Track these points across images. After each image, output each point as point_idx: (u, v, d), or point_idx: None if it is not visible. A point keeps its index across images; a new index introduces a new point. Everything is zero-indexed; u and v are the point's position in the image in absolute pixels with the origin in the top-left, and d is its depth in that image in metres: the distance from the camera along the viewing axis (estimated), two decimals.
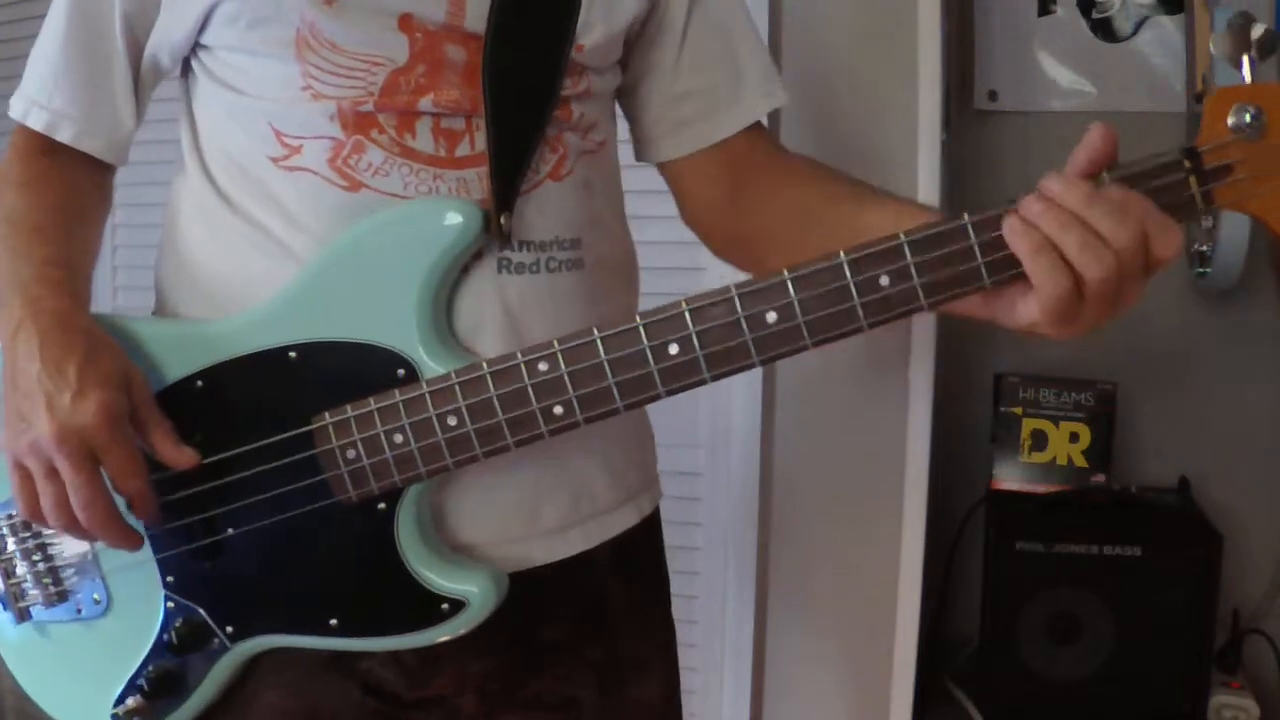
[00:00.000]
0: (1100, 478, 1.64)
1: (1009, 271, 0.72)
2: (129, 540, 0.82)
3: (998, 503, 1.63)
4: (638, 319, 0.76)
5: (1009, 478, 1.66)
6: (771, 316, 0.74)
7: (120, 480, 0.80)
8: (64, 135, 0.90)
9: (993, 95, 1.77)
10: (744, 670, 1.73)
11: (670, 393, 0.78)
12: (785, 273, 0.74)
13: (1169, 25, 1.69)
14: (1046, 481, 1.64)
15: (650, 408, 1.00)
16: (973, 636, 1.65)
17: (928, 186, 1.51)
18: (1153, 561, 1.49)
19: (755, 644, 1.73)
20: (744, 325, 0.75)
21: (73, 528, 0.80)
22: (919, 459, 1.58)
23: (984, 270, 0.72)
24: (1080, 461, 1.65)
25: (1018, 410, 1.66)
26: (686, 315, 0.75)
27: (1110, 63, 1.72)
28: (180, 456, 0.82)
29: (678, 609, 1.09)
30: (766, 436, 1.70)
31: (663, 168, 1.02)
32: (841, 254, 0.73)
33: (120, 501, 0.81)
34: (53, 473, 0.79)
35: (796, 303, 0.73)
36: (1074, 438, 1.65)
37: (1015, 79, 1.76)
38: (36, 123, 0.90)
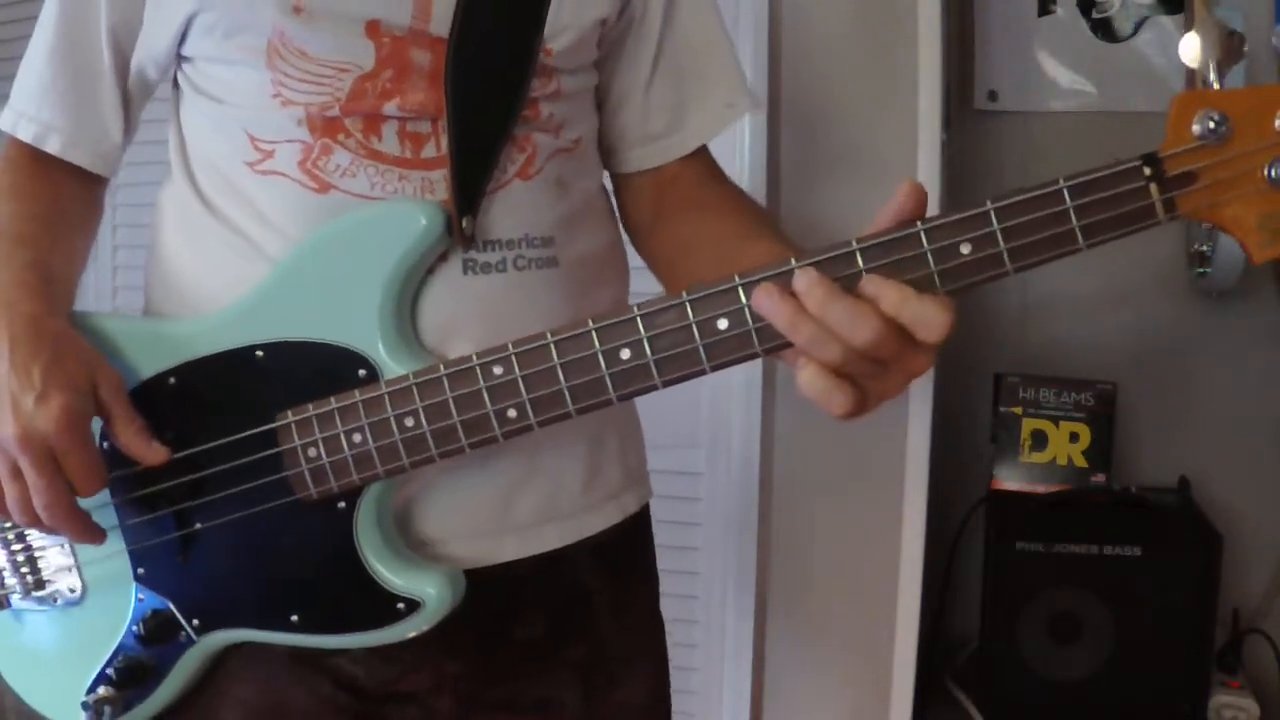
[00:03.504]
0: (1100, 478, 1.64)
1: None
2: (92, 537, 0.83)
3: (998, 503, 1.63)
4: (590, 323, 0.76)
5: (1009, 478, 1.66)
6: (723, 323, 0.73)
7: (79, 484, 0.80)
8: (52, 146, 0.91)
9: (993, 95, 1.77)
10: (744, 670, 1.74)
11: (621, 398, 0.77)
12: (736, 278, 0.73)
13: (1169, 25, 1.70)
14: (1046, 481, 1.65)
15: (650, 408, 1.00)
16: (973, 636, 1.65)
17: (928, 187, 1.51)
18: (1153, 561, 1.49)
19: (755, 644, 1.73)
20: (695, 331, 0.74)
21: (35, 525, 0.82)
22: (919, 459, 1.58)
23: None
24: (1080, 461, 1.65)
25: (1018, 410, 1.66)
26: (638, 320, 0.75)
27: (1110, 63, 1.72)
28: (150, 453, 0.83)
29: (678, 609, 1.09)
30: (766, 437, 1.70)
31: (613, 176, 1.03)
32: (792, 260, 0.72)
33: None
34: (16, 473, 0.80)
35: (747, 309, 0.73)
36: (1074, 438, 1.65)
37: (1015, 79, 1.76)
38: (25, 134, 0.91)
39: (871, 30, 1.64)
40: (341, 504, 0.84)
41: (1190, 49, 0.72)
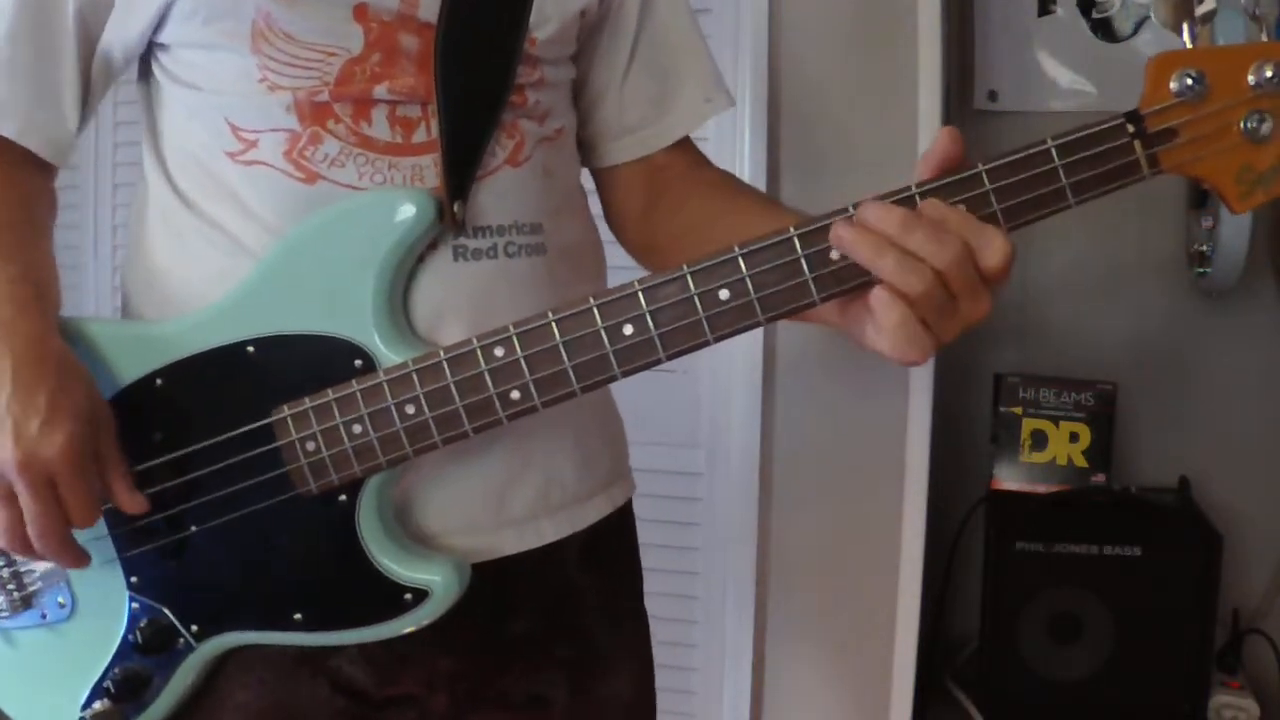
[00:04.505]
0: (1100, 478, 1.64)
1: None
2: (79, 561, 0.83)
3: (998, 503, 1.63)
4: (591, 300, 0.76)
5: (1009, 478, 1.66)
6: (725, 294, 0.74)
7: (77, 514, 0.79)
8: (6, 129, 0.87)
9: (993, 95, 1.77)
10: (744, 670, 1.73)
11: (626, 373, 0.77)
12: (736, 249, 0.74)
13: None
14: (1046, 481, 1.64)
15: (650, 407, 1.00)
16: (973, 636, 1.65)
17: None
18: (1153, 561, 1.49)
19: (755, 644, 1.73)
20: (698, 303, 0.75)
21: (25, 552, 0.81)
22: (919, 459, 1.57)
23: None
24: (1080, 461, 1.65)
25: (1018, 410, 1.66)
26: (640, 295, 0.75)
27: (1110, 63, 1.72)
28: (132, 502, 0.82)
29: (678, 609, 1.08)
30: (766, 437, 1.70)
31: (595, 172, 1.04)
32: (791, 229, 0.73)
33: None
34: (10, 497, 0.79)
35: (748, 279, 0.74)
36: (1074, 438, 1.65)
37: (1015, 79, 1.76)
38: None
39: (871, 30, 1.63)
40: (342, 497, 0.83)
41: (1160, 10, 0.74)
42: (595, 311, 0.76)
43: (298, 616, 0.85)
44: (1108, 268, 1.74)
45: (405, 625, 0.84)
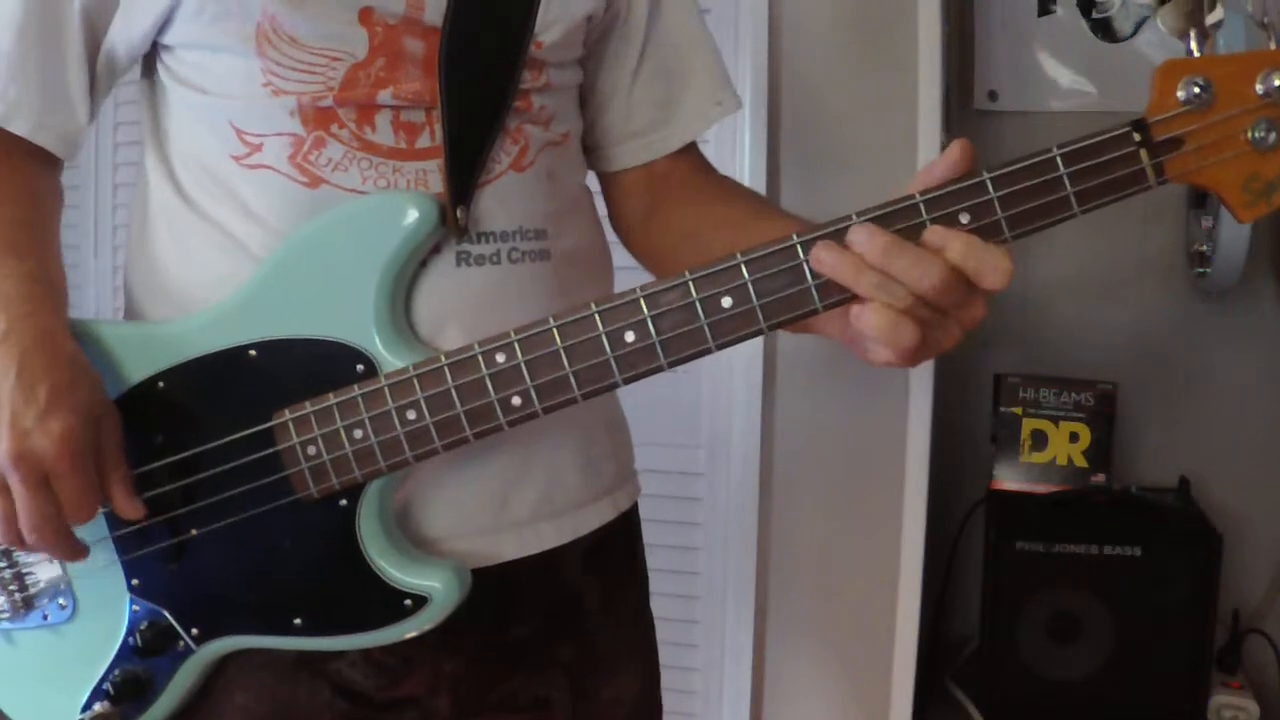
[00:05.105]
0: (1100, 478, 1.64)
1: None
2: (74, 555, 0.82)
3: (998, 503, 1.63)
4: (592, 306, 0.76)
5: (1009, 478, 1.66)
6: (727, 301, 0.74)
7: (71, 510, 0.79)
8: (20, 127, 0.87)
9: (993, 95, 1.77)
10: (744, 670, 1.74)
11: (627, 380, 0.77)
12: (738, 255, 0.74)
13: None
14: (1046, 481, 1.64)
15: (650, 407, 1.00)
16: (973, 636, 1.65)
17: None
18: (1153, 561, 1.49)
19: (755, 644, 1.73)
20: (700, 309, 0.74)
21: (18, 545, 0.80)
22: (919, 459, 1.58)
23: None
24: (1080, 461, 1.65)
25: (1018, 410, 1.66)
26: (641, 302, 0.75)
27: (1110, 63, 1.72)
28: (129, 508, 0.82)
29: (678, 609, 1.08)
30: (767, 437, 1.70)
31: (600, 177, 1.04)
32: (795, 236, 0.73)
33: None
34: (4, 489, 0.78)
35: (751, 285, 0.73)
36: (1074, 438, 1.65)
37: (1015, 79, 1.76)
38: None
39: (871, 30, 1.64)
40: (343, 502, 0.83)
41: (1166, 18, 0.74)
42: (597, 318, 0.76)
43: (298, 621, 0.85)
44: (1108, 268, 1.74)
45: (406, 631, 0.84)
